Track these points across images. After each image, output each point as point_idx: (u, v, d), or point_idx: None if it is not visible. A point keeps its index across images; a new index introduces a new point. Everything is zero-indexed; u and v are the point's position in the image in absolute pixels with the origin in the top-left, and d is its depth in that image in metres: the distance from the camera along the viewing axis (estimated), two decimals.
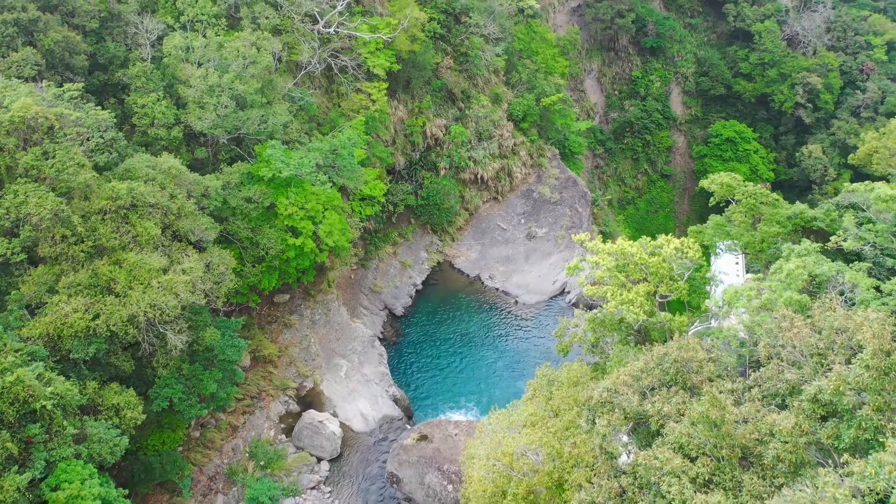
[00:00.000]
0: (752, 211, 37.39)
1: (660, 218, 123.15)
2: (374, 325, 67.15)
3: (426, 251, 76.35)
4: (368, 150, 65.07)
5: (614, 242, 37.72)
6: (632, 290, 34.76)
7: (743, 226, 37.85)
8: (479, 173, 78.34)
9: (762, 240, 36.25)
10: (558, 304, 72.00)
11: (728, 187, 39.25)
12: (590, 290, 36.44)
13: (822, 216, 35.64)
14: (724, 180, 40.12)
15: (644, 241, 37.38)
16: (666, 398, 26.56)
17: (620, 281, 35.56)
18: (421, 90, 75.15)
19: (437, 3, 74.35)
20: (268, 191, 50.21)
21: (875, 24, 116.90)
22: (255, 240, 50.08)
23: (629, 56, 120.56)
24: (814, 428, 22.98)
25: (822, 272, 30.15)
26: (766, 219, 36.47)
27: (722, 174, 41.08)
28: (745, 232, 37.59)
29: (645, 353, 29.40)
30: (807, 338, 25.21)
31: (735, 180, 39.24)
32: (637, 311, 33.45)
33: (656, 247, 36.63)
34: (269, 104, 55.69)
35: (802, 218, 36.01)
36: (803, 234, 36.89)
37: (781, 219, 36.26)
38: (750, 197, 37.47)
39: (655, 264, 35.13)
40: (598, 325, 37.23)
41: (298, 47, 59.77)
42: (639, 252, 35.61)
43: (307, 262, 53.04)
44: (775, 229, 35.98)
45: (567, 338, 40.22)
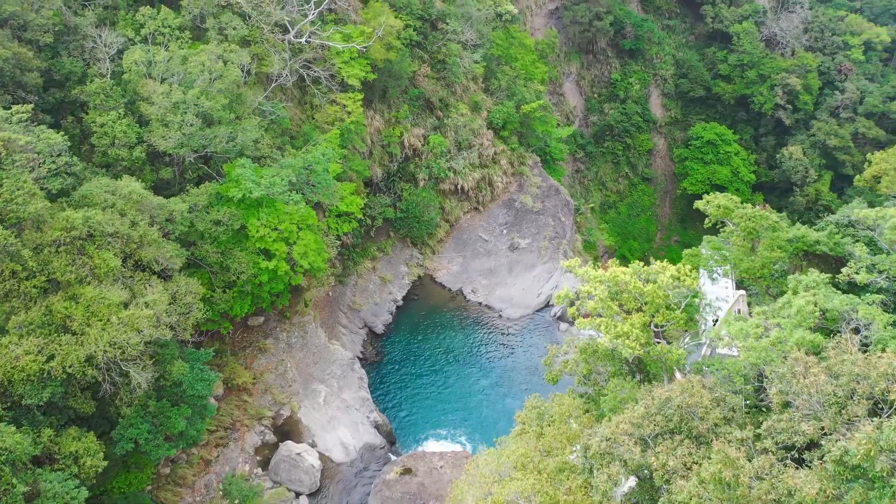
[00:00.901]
0: (750, 235, 35.52)
1: (642, 221, 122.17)
2: (353, 345, 64.73)
3: (406, 265, 74.05)
4: (344, 163, 62.63)
5: (605, 266, 35.73)
6: (626, 322, 32.82)
7: (741, 250, 35.95)
8: (459, 183, 76.21)
9: (762, 265, 34.39)
10: (543, 317, 70.12)
11: (725, 209, 37.36)
12: (582, 323, 34.41)
13: (825, 239, 33.89)
14: (720, 202, 38.22)
15: (637, 266, 35.42)
16: (670, 449, 24.61)
17: (614, 311, 33.61)
18: (398, 99, 72.82)
19: (412, 10, 72.06)
20: (238, 212, 47.58)
21: (852, 24, 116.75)
22: (225, 264, 47.41)
23: (608, 59, 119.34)
24: (839, 491, 21.11)
25: (834, 307, 28.33)
26: (766, 243, 34.61)
27: (718, 195, 39.11)
28: (745, 257, 35.68)
29: (645, 397, 27.42)
30: (824, 385, 23.39)
31: (732, 202, 37.37)
32: (633, 345, 31.51)
33: (650, 272, 34.69)
34: (239, 119, 53.06)
35: (804, 242, 34.21)
36: (804, 258, 35.20)
37: (782, 242, 34.41)
38: (749, 220, 35.61)
39: (651, 293, 33.22)
40: (590, 355, 35.26)
41: (268, 59, 57.13)
42: (633, 280, 33.67)
43: (281, 286, 50.48)
44: (776, 254, 34.09)
45: (557, 366, 38.17)
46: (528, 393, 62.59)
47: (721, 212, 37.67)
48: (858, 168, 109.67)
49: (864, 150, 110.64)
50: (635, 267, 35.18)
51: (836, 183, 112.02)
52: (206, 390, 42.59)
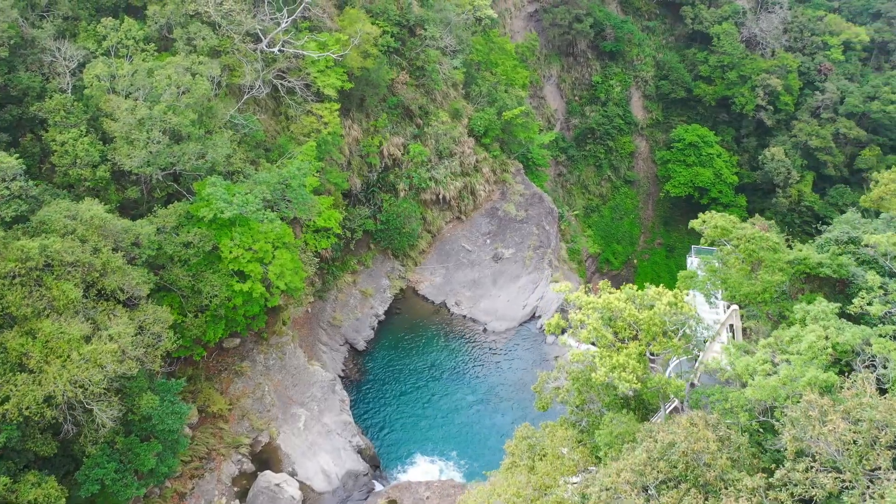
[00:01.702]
0: (750, 258, 33.96)
1: (625, 225, 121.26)
2: (334, 363, 62.57)
3: (388, 278, 72.00)
4: (321, 176, 60.50)
5: (595, 289, 34.08)
6: (622, 351, 31.14)
7: (741, 273, 34.36)
8: (440, 193, 74.31)
9: (763, 289, 32.85)
10: (529, 330, 68.43)
11: (723, 230, 35.78)
12: (576, 356, 32.64)
13: (828, 261, 32.38)
14: (717, 222, 36.60)
15: (631, 290, 33.76)
16: (676, 500, 22.94)
17: (609, 340, 31.93)
18: (376, 108, 70.78)
19: (389, 16, 70.05)
20: (209, 233, 45.30)
21: (831, 24, 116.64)
22: (196, 288, 45.11)
23: (588, 61, 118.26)
24: None
25: (846, 340, 26.82)
26: (767, 265, 33.04)
27: (716, 215, 37.46)
28: (745, 280, 34.10)
29: (645, 437, 25.73)
30: (843, 433, 21.86)
31: (730, 222, 35.78)
32: (630, 378, 29.84)
33: (645, 298, 33.04)
34: (210, 134, 50.73)
35: (806, 264, 32.66)
36: (806, 280, 33.73)
37: (783, 265, 32.87)
38: (748, 242, 34.00)
39: (646, 320, 31.59)
40: (582, 384, 33.53)
41: (240, 69, 54.83)
42: (628, 307, 32.00)
43: (257, 308, 48.27)
44: (777, 277, 32.51)
45: (547, 391, 36.43)
46: (516, 410, 61.29)
47: (719, 232, 36.07)
48: (840, 168, 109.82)
49: (846, 151, 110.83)
50: (629, 292, 33.54)
51: (818, 183, 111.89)
52: (177, 424, 40.29)
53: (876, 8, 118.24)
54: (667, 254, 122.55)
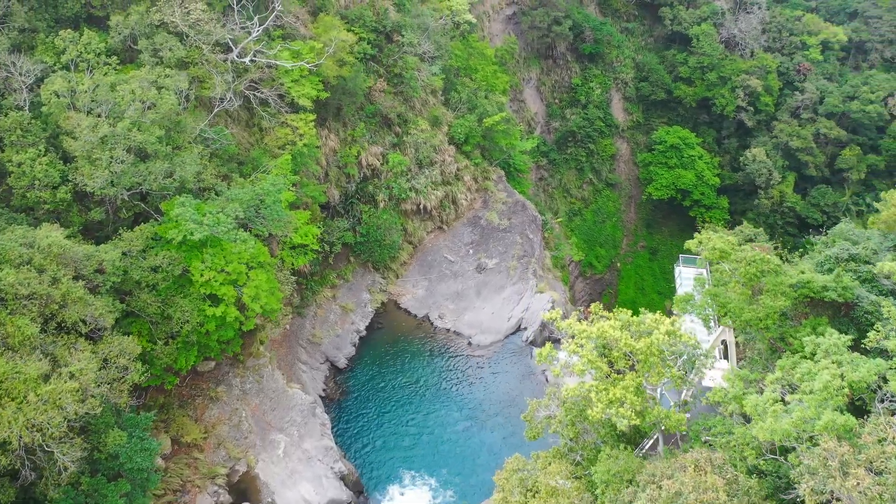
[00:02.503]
0: (751, 282, 32.42)
1: (607, 228, 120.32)
2: (314, 383, 60.44)
3: (369, 291, 69.95)
4: (297, 189, 58.33)
5: (587, 313, 32.45)
6: (618, 384, 29.52)
7: (742, 297, 32.78)
8: (421, 203, 72.44)
9: (766, 315, 31.30)
10: (515, 342, 66.74)
11: (721, 252, 34.15)
12: (571, 391, 30.87)
13: (832, 284, 30.84)
14: (715, 244, 34.88)
15: (626, 316, 32.09)
16: None
17: (605, 371, 30.28)
18: (353, 117, 68.72)
19: (366, 22, 68.05)
20: (179, 255, 42.99)
21: (809, 24, 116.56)
22: (166, 314, 42.81)
23: (568, 63, 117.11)
24: None
25: (861, 377, 25.32)
26: (769, 289, 31.48)
27: (713, 236, 35.72)
28: (746, 305, 32.51)
29: (648, 482, 24.13)
30: (868, 487, 20.38)
31: (728, 244, 34.16)
32: (628, 414, 28.23)
33: (641, 325, 31.40)
34: (179, 149, 48.41)
35: (810, 288, 31.13)
36: (809, 304, 32.29)
37: (785, 288, 31.34)
38: (749, 265, 32.37)
39: (644, 350, 29.98)
40: (576, 415, 31.85)
41: (210, 81, 52.52)
42: (623, 337, 30.35)
43: (231, 333, 46.06)
44: (780, 302, 30.94)
45: (538, 420, 34.69)
46: (505, 426, 59.49)
47: (717, 255, 34.47)
48: (821, 169, 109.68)
49: (826, 151, 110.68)
50: (624, 317, 31.89)
51: (799, 184, 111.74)
52: (147, 462, 37.99)
53: (853, 7, 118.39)
54: (650, 256, 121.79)
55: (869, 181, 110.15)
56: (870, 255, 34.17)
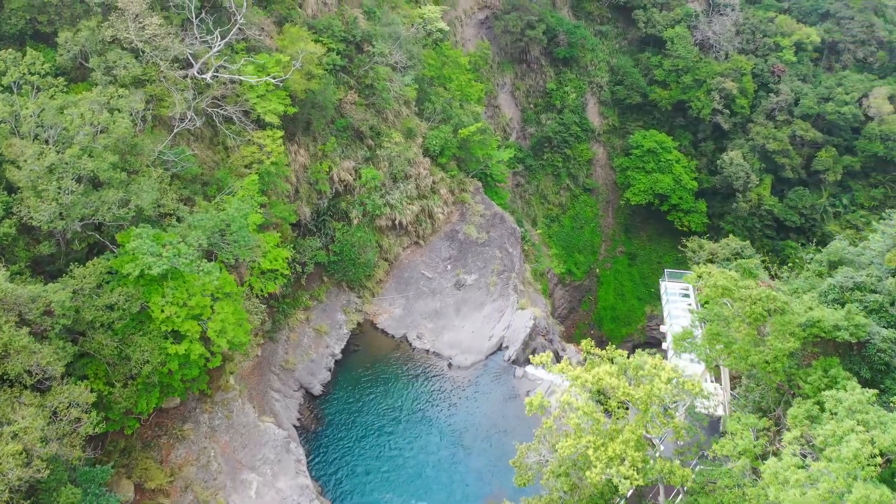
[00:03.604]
0: (757, 322, 30.30)
1: (585, 234, 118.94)
2: (288, 412, 57.52)
3: (344, 312, 67.17)
4: (266, 210, 55.44)
5: (578, 350, 30.22)
6: (618, 438, 27.31)
7: (747, 339, 30.56)
8: (396, 218, 69.83)
9: (774, 357, 29.15)
10: (497, 362, 64.43)
11: (724, 290, 31.92)
12: (566, 447, 28.47)
13: (844, 323, 28.67)
14: (717, 281, 32.35)
15: (623, 359, 29.90)
16: None
17: (601, 422, 28.04)
18: (324, 131, 65.88)
19: (334, 32, 65.27)
20: (136, 291, 39.93)
21: (782, 26, 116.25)
22: (124, 354, 39.71)
23: (542, 68, 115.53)
24: None
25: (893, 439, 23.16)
26: (776, 329, 29.32)
27: (715, 272, 33.14)
28: (751, 347, 30.27)
29: None
30: None
31: (731, 280, 31.97)
32: (629, 474, 26.02)
33: (639, 369, 29.22)
34: (136, 174, 45.30)
35: (821, 327, 29.02)
36: (818, 343, 30.32)
37: (794, 328, 29.25)
38: (754, 304, 30.16)
39: (644, 399, 27.80)
40: (571, 465, 29.53)
41: (168, 99, 49.40)
42: (621, 385, 28.12)
43: (196, 371, 43.08)
44: (790, 344, 28.81)
45: (528, 464, 32.36)
46: (491, 451, 57.11)
47: (719, 292, 32.25)
48: (797, 170, 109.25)
49: (802, 153, 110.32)
50: (621, 361, 29.68)
51: (776, 186, 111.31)
52: None
53: (825, 8, 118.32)
54: (629, 262, 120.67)
55: (845, 182, 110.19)
56: (875, 283, 32.46)
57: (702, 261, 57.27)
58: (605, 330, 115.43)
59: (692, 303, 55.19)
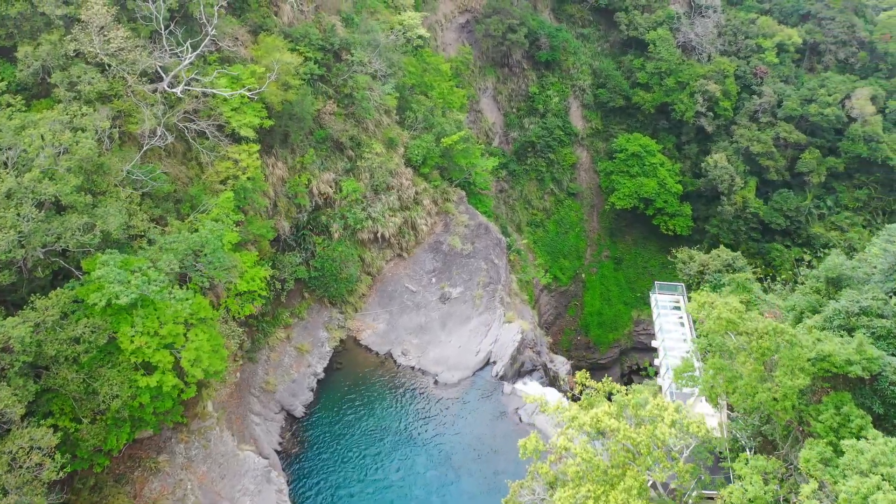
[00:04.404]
0: (764, 356, 28.73)
1: (570, 238, 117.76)
2: (269, 436, 55.44)
3: (326, 329, 65.16)
4: (242, 227, 53.31)
5: (571, 383, 28.58)
6: (619, 486, 25.69)
7: (754, 375, 28.95)
8: (379, 231, 67.91)
9: (784, 395, 27.52)
10: (484, 378, 62.76)
11: (728, 323, 30.33)
12: (565, 498, 26.68)
13: (855, 357, 27.13)
14: (721, 313, 30.68)
15: (623, 397, 28.28)
16: None
17: (602, 468, 26.36)
18: (302, 143, 63.79)
19: (311, 40, 63.20)
20: (104, 322, 37.69)
21: (763, 27, 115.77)
22: (91, 388, 37.47)
23: (524, 71, 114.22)
24: None
25: None
26: (785, 364, 27.72)
27: (718, 303, 31.34)
28: (759, 385, 28.64)
29: None
30: None
31: (736, 313, 30.35)
32: None
33: (640, 408, 27.59)
34: (104, 194, 43.07)
35: (832, 362, 27.55)
36: (828, 378, 28.87)
37: (804, 363, 27.70)
38: (761, 339, 28.53)
39: (646, 443, 26.20)
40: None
41: (137, 115, 47.11)
42: (622, 427, 26.48)
43: (169, 403, 40.88)
44: (800, 381, 27.27)
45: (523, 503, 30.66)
46: (480, 472, 55.33)
47: (723, 325, 30.63)
48: (781, 172, 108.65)
49: (786, 154, 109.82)
50: (620, 399, 28.02)
51: (761, 188, 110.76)
52: None
53: (805, 9, 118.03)
54: (615, 266, 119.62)
55: (829, 183, 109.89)
56: (882, 307, 31.16)
57: (692, 272, 56.27)
58: (592, 336, 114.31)
59: (683, 315, 53.82)
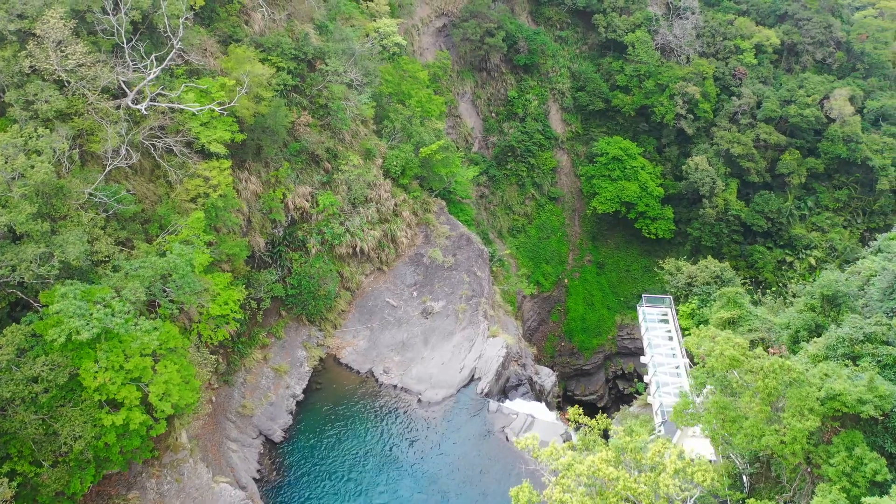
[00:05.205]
0: (771, 396, 27.16)
1: (552, 243, 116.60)
2: (246, 464, 53.24)
3: (304, 348, 63.03)
4: (215, 248, 51.06)
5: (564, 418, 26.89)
6: None
7: (761, 416, 27.31)
8: (357, 245, 65.89)
9: (793, 438, 25.93)
10: (469, 396, 60.99)
11: (732, 360, 28.68)
12: None
13: (868, 396, 25.61)
14: (723, 349, 28.93)
15: (618, 440, 26.67)
16: None
17: None
18: (276, 156, 61.58)
19: (284, 50, 61.00)
20: (64, 358, 35.36)
21: (741, 28, 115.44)
22: (52, 430, 35.13)
23: (503, 75, 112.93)
24: None
25: None
26: (793, 404, 26.01)
27: (720, 338, 29.69)
28: (766, 427, 27.05)
29: None
30: None
31: (739, 349, 28.69)
32: None
33: (638, 451, 26.00)
34: (64, 219, 40.69)
35: (842, 401, 26.04)
36: (837, 417, 27.45)
37: (813, 403, 26.08)
38: (766, 378, 26.88)
39: (648, 493, 24.54)
40: None
41: (99, 133, 44.69)
42: (622, 476, 24.84)
43: (137, 441, 38.62)
44: (809, 423, 25.63)
45: None
46: (466, 495, 53.70)
47: (727, 363, 28.97)
48: (762, 174, 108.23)
49: (766, 156, 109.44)
50: (617, 443, 26.33)
51: (742, 190, 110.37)
52: None
53: (782, 10, 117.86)
54: (597, 271, 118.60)
55: (809, 184, 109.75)
56: (886, 332, 29.93)
57: (680, 284, 55.02)
58: (576, 341, 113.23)
59: (672, 329, 52.53)
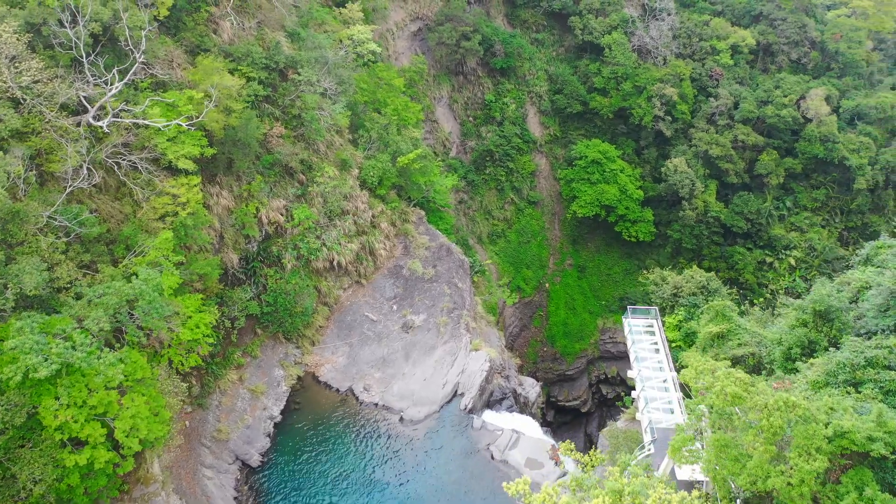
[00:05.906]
0: (776, 436, 25.75)
1: (532, 248, 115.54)
2: (223, 491, 51.21)
3: (281, 367, 61.04)
4: (184, 268, 48.95)
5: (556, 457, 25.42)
6: None
7: (766, 456, 25.87)
8: (334, 259, 64.05)
9: (801, 480, 24.54)
10: (452, 412, 59.46)
11: (734, 397, 27.17)
12: None
13: (877, 433, 24.28)
14: (725, 386, 27.44)
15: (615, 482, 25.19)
16: None
17: None
18: (249, 169, 59.54)
19: (254, 59, 59.00)
20: (22, 397, 33.17)
21: (717, 29, 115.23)
22: (10, 473, 32.93)
23: (479, 79, 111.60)
24: None
25: None
26: (800, 443, 24.64)
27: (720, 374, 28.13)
28: (771, 468, 25.61)
29: None
30: None
31: (741, 384, 27.26)
32: None
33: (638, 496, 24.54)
34: (22, 244, 38.46)
35: (851, 439, 24.68)
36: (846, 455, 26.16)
37: (820, 442, 24.68)
38: (771, 416, 25.40)
39: None
40: None
41: (58, 153, 42.42)
42: None
43: (104, 480, 36.50)
44: (817, 464, 24.27)
45: None
46: None
47: (728, 401, 27.45)
48: (740, 175, 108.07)
49: (745, 156, 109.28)
50: (614, 486, 24.82)
51: (721, 191, 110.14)
52: None
53: (757, 10, 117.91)
54: (578, 274, 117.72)
55: (787, 184, 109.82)
56: (887, 356, 28.92)
57: (666, 294, 53.99)
58: (559, 346, 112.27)
59: (658, 340, 51.45)
